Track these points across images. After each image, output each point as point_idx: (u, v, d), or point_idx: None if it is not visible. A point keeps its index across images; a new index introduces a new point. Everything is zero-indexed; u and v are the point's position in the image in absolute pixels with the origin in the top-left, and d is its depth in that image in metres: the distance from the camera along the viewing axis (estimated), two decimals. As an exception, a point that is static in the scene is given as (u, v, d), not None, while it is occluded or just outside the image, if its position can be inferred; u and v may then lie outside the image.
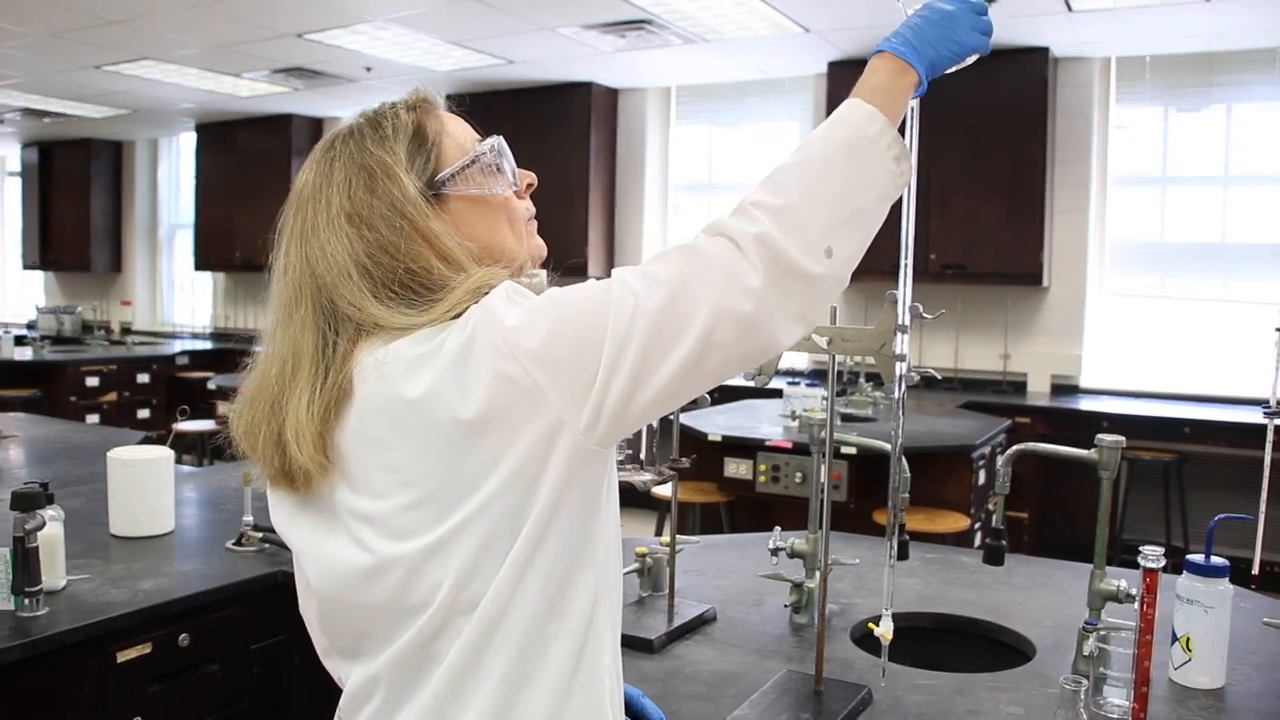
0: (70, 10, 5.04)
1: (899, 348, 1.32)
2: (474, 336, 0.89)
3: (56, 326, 8.48)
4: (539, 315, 0.89)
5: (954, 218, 5.47)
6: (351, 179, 0.99)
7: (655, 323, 0.87)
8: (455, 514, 0.90)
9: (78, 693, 1.68)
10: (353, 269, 0.96)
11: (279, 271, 1.03)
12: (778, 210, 0.90)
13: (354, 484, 0.95)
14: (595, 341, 0.88)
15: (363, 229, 0.97)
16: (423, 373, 0.90)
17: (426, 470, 0.91)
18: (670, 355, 0.87)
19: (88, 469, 2.79)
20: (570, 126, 6.64)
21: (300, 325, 0.98)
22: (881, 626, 1.36)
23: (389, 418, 0.92)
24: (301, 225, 1.01)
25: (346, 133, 1.04)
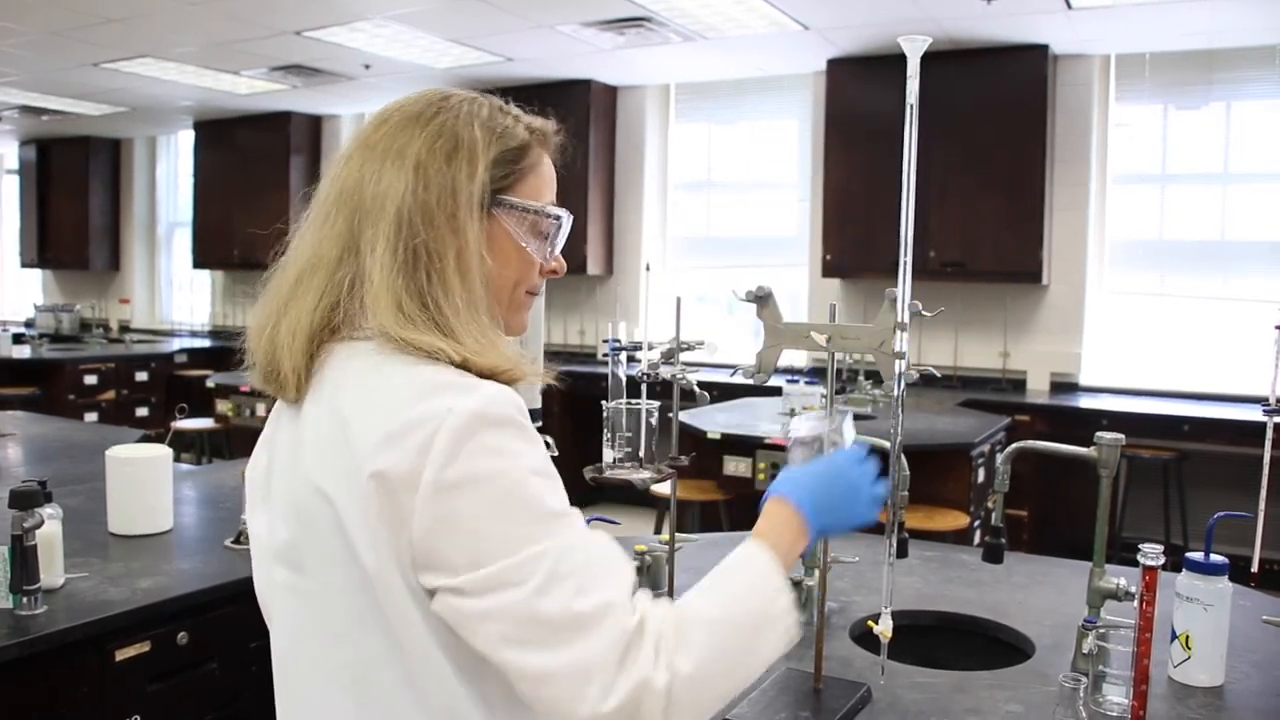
0: (69, 8, 5.04)
1: (898, 345, 1.31)
2: (406, 442, 0.88)
3: (55, 325, 8.48)
4: (468, 487, 0.88)
5: (953, 215, 5.47)
6: (442, 136, 1.00)
7: (528, 618, 0.86)
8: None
9: (76, 691, 1.68)
10: (391, 211, 0.96)
11: (338, 165, 1.03)
12: (685, 680, 0.89)
13: (307, 425, 0.98)
14: (487, 556, 0.87)
15: (419, 184, 0.97)
16: (365, 431, 0.91)
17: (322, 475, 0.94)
18: (503, 637, 0.87)
19: (86, 467, 2.79)
20: (569, 124, 6.59)
21: (329, 235, 0.99)
22: (881, 624, 1.36)
23: (331, 446, 0.93)
24: (377, 139, 1.01)
25: (472, 99, 1.06)
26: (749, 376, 1.51)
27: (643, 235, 6.93)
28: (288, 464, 1.00)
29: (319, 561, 0.96)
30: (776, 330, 1.47)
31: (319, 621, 0.97)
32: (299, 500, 0.97)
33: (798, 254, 6.41)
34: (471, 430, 0.88)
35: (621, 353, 1.54)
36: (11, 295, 10.96)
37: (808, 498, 1.06)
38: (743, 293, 1.50)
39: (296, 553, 0.98)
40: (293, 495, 0.98)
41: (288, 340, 0.98)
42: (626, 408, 1.50)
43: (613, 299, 6.83)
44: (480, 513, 0.87)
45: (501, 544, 0.87)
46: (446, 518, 0.87)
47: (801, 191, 6.44)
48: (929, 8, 4.78)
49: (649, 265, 6.43)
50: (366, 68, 6.30)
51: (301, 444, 0.98)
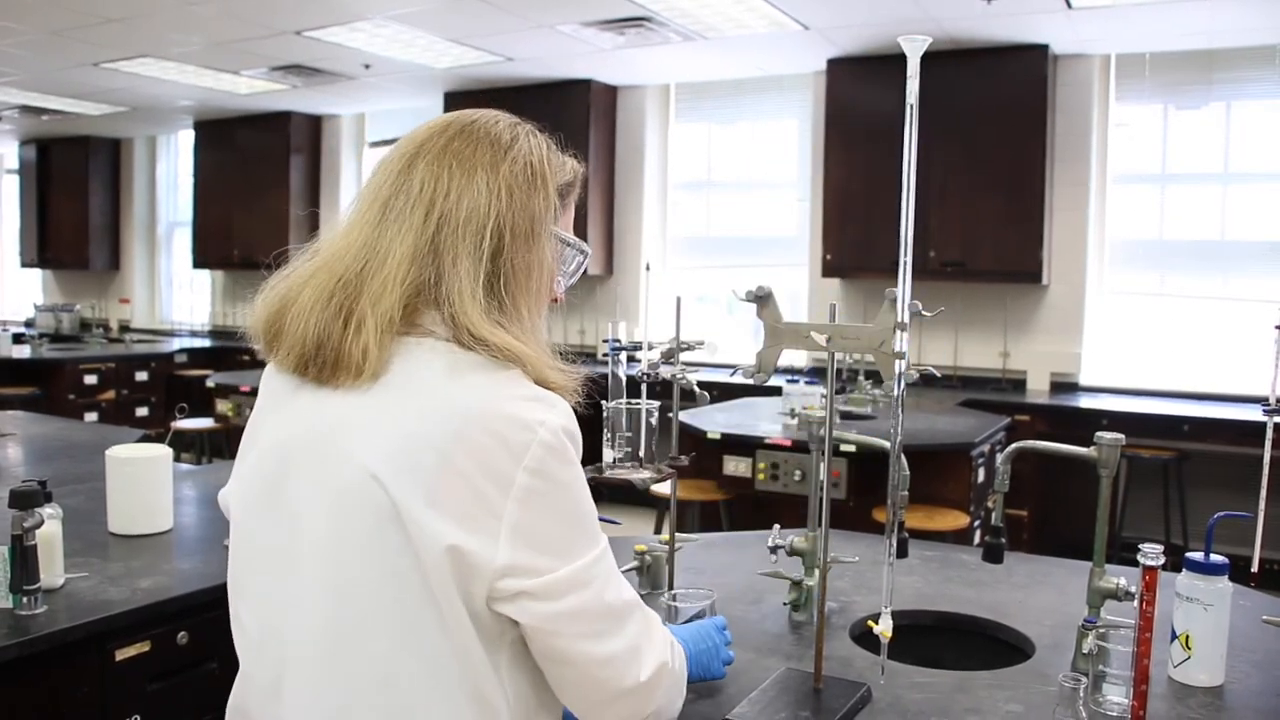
0: (69, 8, 5.04)
1: (898, 345, 1.31)
2: (498, 447, 0.96)
3: (55, 324, 8.48)
4: (553, 492, 0.99)
5: (953, 215, 5.47)
6: (524, 162, 1.07)
7: (599, 616, 1.02)
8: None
9: (76, 691, 1.68)
10: (477, 225, 1.02)
11: (394, 167, 1.06)
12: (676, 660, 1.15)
13: (356, 421, 1.00)
14: (569, 552, 1.00)
15: (507, 207, 1.03)
16: (437, 420, 0.97)
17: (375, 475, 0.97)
18: (567, 632, 1.00)
19: (86, 467, 2.79)
20: (569, 124, 6.63)
21: (398, 232, 1.02)
22: (881, 624, 1.35)
23: (399, 434, 0.97)
24: (460, 152, 1.05)
25: (531, 130, 1.13)
26: (749, 376, 1.51)
27: (643, 235, 6.93)
28: (321, 454, 1.00)
29: (361, 549, 0.96)
30: (776, 330, 1.47)
31: (347, 615, 0.97)
32: (346, 491, 0.96)
33: (798, 254, 6.41)
34: (561, 442, 0.99)
35: (621, 353, 1.54)
36: (11, 295, 10.96)
37: (686, 646, 1.35)
38: (743, 293, 1.50)
39: (335, 544, 0.97)
40: (335, 487, 0.97)
41: (358, 325, 0.98)
42: (626, 408, 1.50)
43: (613, 299, 6.83)
44: (563, 517, 0.99)
45: (576, 546, 1.00)
46: (535, 521, 0.96)
47: (801, 191, 6.44)
48: (929, 7, 4.78)
49: (649, 265, 6.43)
50: (366, 68, 6.30)
51: (354, 433, 0.98)
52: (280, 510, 1.02)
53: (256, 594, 1.06)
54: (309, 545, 0.99)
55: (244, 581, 1.08)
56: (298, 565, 1.00)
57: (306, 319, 1.01)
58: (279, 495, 1.02)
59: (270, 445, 1.06)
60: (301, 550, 1.00)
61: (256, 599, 1.05)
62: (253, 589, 1.06)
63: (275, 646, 1.03)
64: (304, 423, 1.03)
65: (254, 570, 1.06)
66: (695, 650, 1.37)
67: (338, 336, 0.99)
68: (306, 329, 1.01)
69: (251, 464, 1.08)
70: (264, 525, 1.04)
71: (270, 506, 1.03)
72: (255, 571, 1.06)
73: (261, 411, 1.11)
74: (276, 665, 1.02)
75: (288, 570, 1.01)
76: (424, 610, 0.95)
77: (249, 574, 1.07)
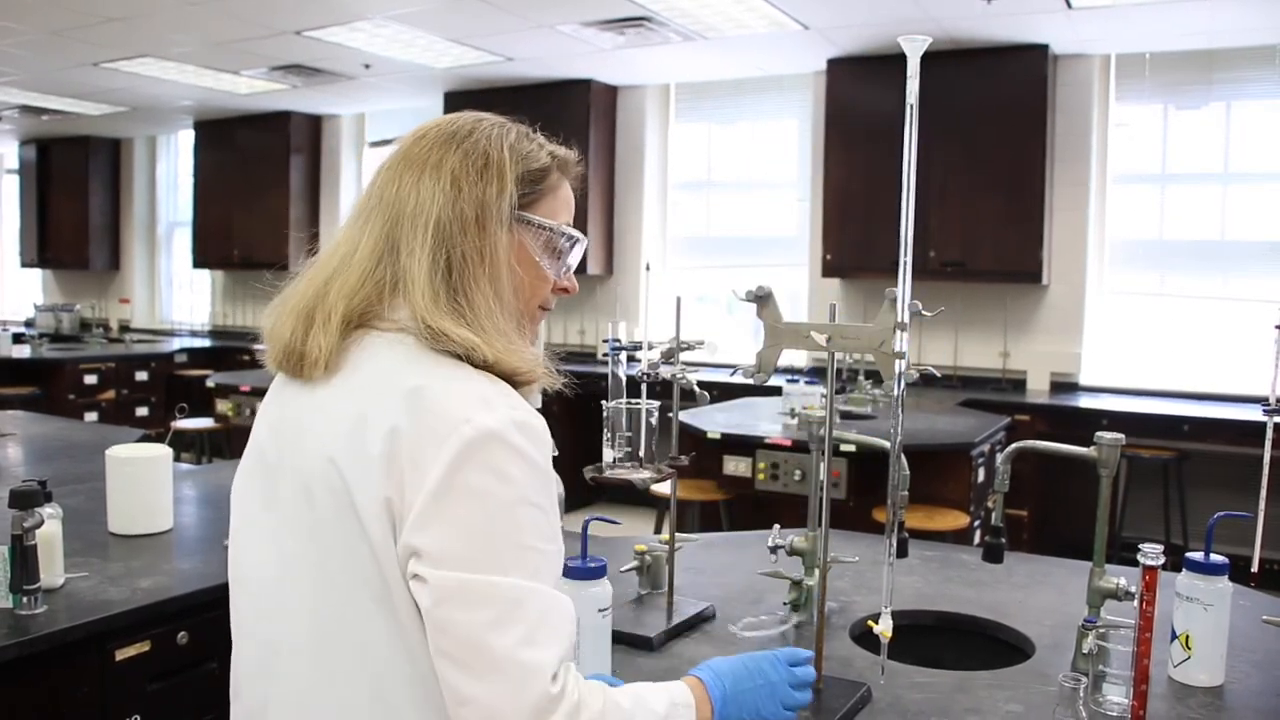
0: (69, 7, 5.04)
1: (898, 345, 1.31)
2: (425, 433, 0.96)
3: (55, 324, 8.48)
4: (475, 499, 0.95)
5: (953, 215, 5.47)
6: (475, 154, 1.08)
7: (479, 640, 0.93)
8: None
9: (76, 691, 1.68)
10: (428, 220, 1.04)
11: (376, 174, 1.12)
12: None
13: (322, 406, 1.04)
14: (476, 566, 0.94)
15: (455, 198, 1.05)
16: (384, 412, 0.98)
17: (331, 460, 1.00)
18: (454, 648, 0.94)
19: (86, 467, 2.79)
20: (569, 124, 6.63)
21: (369, 236, 1.07)
22: (881, 624, 1.35)
23: (352, 424, 0.99)
24: (417, 155, 1.09)
25: (501, 122, 1.14)
26: (749, 376, 1.51)
27: (643, 235, 6.93)
28: (294, 443, 1.05)
29: (329, 535, 1.00)
30: (776, 330, 1.47)
31: (327, 599, 1.01)
32: (312, 476, 1.01)
33: (798, 254, 6.41)
34: (482, 445, 0.95)
35: (621, 352, 1.54)
36: (11, 295, 10.96)
37: (721, 690, 1.12)
38: (743, 293, 1.50)
39: (309, 529, 1.02)
40: (305, 473, 1.02)
41: (321, 322, 1.04)
42: (626, 407, 1.50)
43: (613, 299, 6.83)
44: (467, 524, 0.94)
45: (476, 559, 0.94)
46: (436, 518, 0.94)
47: (801, 191, 6.44)
48: (929, 7, 4.78)
49: (649, 265, 6.43)
50: (366, 67, 6.30)
51: (317, 420, 1.03)
52: (271, 498, 1.07)
53: (250, 579, 1.10)
54: (289, 531, 1.05)
55: (239, 568, 1.13)
56: (283, 552, 1.05)
57: (283, 321, 1.08)
58: (271, 483, 1.08)
59: (259, 438, 1.13)
60: (286, 536, 1.05)
61: (250, 583, 1.10)
62: (247, 575, 1.11)
63: (268, 629, 1.07)
64: (289, 414, 1.09)
65: (250, 558, 1.11)
66: (735, 690, 1.12)
67: (303, 334, 1.05)
68: (282, 330, 1.08)
69: (247, 453, 1.15)
70: (258, 513, 1.10)
71: (262, 495, 1.09)
72: (250, 559, 1.11)
73: (263, 405, 1.17)
74: (266, 648, 1.07)
75: (276, 558, 1.06)
76: (386, 596, 0.98)
77: (244, 561, 1.12)
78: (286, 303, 1.10)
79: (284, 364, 1.08)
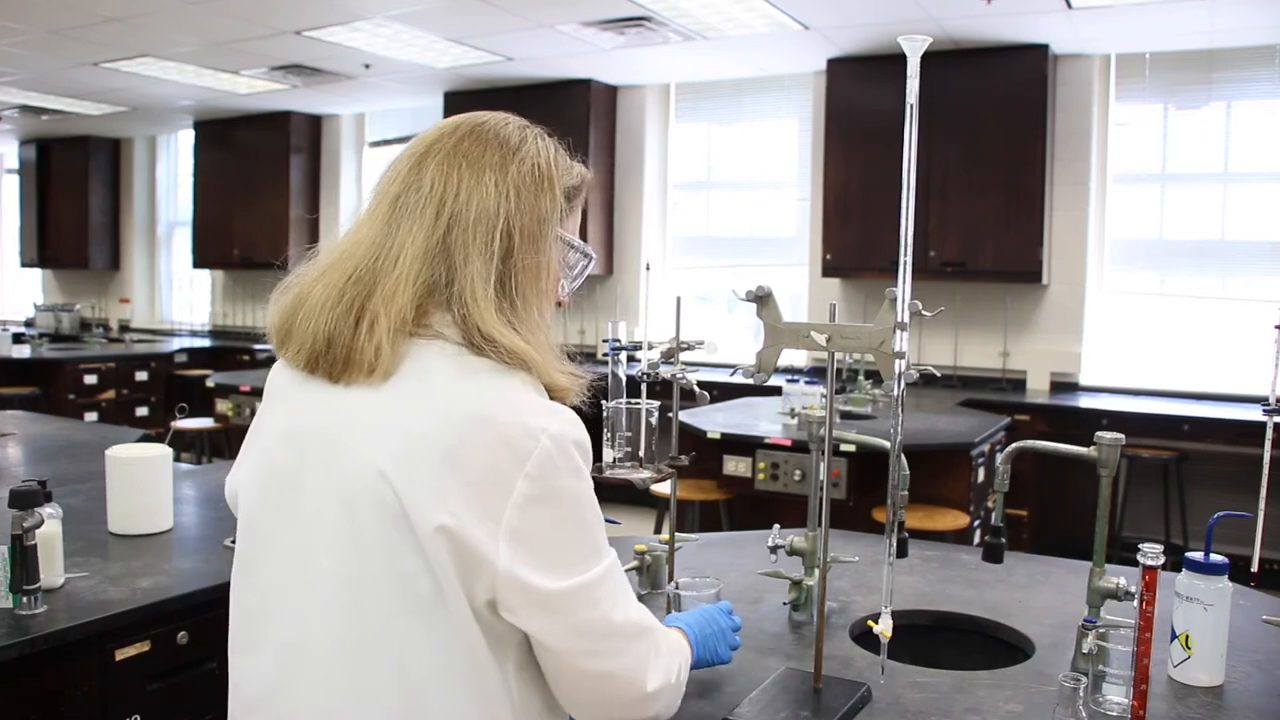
0: (69, 7, 5.04)
1: (898, 345, 1.31)
2: (501, 453, 0.96)
3: (55, 324, 8.48)
4: (557, 503, 0.98)
5: (953, 215, 5.47)
6: (532, 164, 1.07)
7: (597, 635, 1.02)
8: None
9: (76, 691, 1.68)
10: (487, 225, 1.02)
11: (404, 165, 1.07)
12: (679, 675, 1.16)
13: (364, 418, 1.00)
14: (567, 569, 0.99)
15: (515, 208, 1.04)
16: (448, 424, 0.96)
17: (392, 482, 0.97)
18: (573, 649, 1.02)
19: (86, 467, 2.79)
20: (569, 124, 6.62)
21: (411, 231, 1.02)
22: (881, 624, 1.35)
23: (407, 434, 0.97)
24: (469, 153, 1.05)
25: (540, 134, 1.13)
26: (749, 376, 1.51)
27: (643, 235, 6.93)
28: (327, 453, 1.00)
29: (373, 548, 0.96)
30: (776, 330, 1.47)
31: (361, 613, 0.97)
32: (357, 489, 0.97)
33: (798, 254, 6.41)
34: (566, 451, 0.98)
35: (621, 352, 1.54)
36: (11, 295, 10.96)
37: (694, 635, 1.33)
38: (743, 292, 1.50)
39: (349, 542, 0.98)
40: (346, 486, 0.98)
41: (370, 323, 0.99)
42: (626, 407, 1.50)
43: (613, 298, 6.83)
44: (564, 527, 0.99)
45: (580, 560, 1.00)
46: (535, 529, 0.96)
47: (801, 191, 6.44)
48: (929, 7, 4.78)
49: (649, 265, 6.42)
50: (366, 67, 6.30)
51: (358, 430, 0.99)
52: (295, 508, 1.02)
53: (270, 588, 1.04)
54: (325, 542, 0.99)
55: (255, 576, 1.06)
56: (313, 563, 1.00)
57: (318, 317, 1.01)
58: (293, 492, 1.02)
59: (280, 437, 1.06)
60: (317, 547, 1.00)
61: (270, 593, 1.04)
62: (266, 584, 1.05)
63: (291, 640, 1.02)
64: (317, 419, 1.03)
65: (268, 566, 1.05)
66: (701, 635, 1.34)
67: (349, 334, 0.99)
68: (318, 326, 1.01)
69: (260, 455, 1.08)
70: (278, 521, 1.04)
71: (283, 503, 1.03)
72: (269, 567, 1.05)
73: (269, 405, 1.11)
74: (289, 660, 1.02)
75: (303, 567, 1.01)
76: (434, 611, 0.96)
77: (261, 568, 1.06)
78: (308, 298, 1.03)
79: (318, 365, 1.02)
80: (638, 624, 1.06)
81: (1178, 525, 4.99)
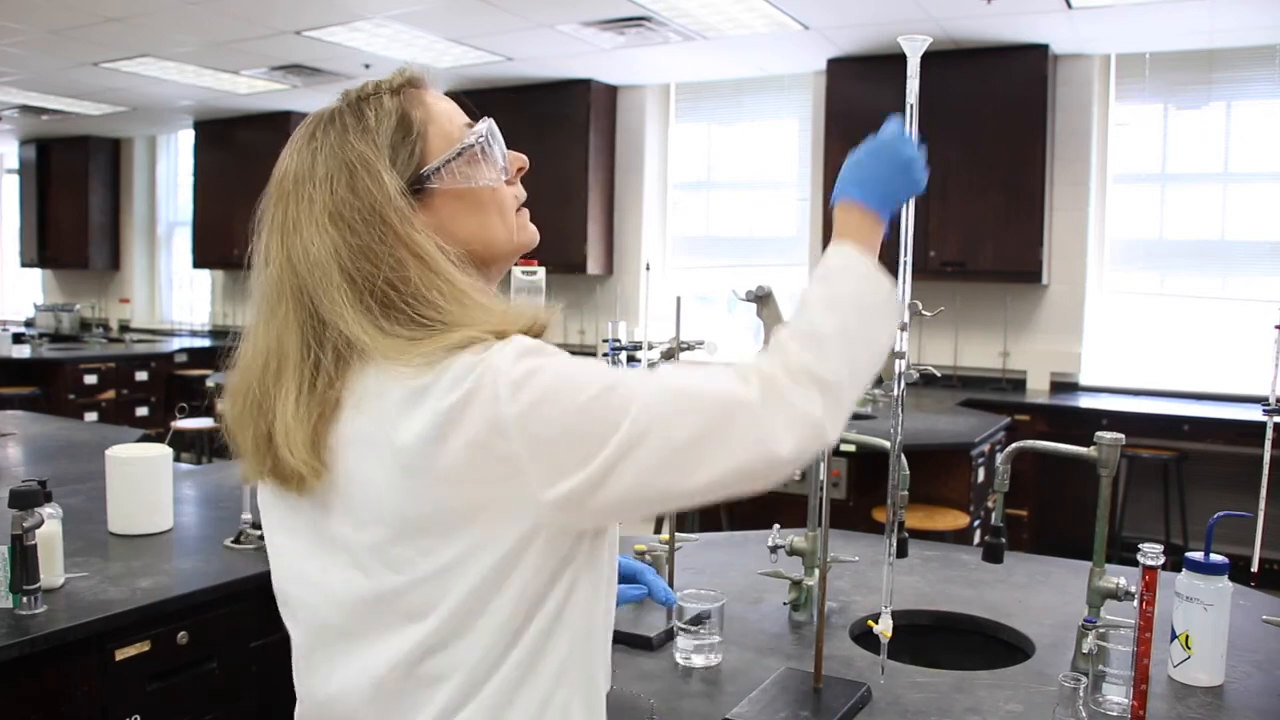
0: (69, 7, 5.03)
1: (898, 345, 1.31)
2: (470, 399, 0.85)
3: (55, 324, 8.48)
4: (545, 402, 0.86)
5: (953, 215, 5.47)
6: (333, 175, 0.94)
7: (672, 452, 0.86)
8: (425, 563, 0.89)
9: (76, 691, 1.68)
10: (335, 272, 0.92)
11: (259, 263, 0.99)
12: (828, 388, 0.91)
13: (341, 502, 0.93)
14: (598, 443, 0.86)
15: (345, 230, 0.93)
16: (412, 417, 0.87)
17: (397, 512, 0.89)
18: (676, 486, 0.88)
19: (86, 467, 2.79)
20: (569, 124, 6.64)
21: (283, 323, 0.95)
22: (881, 624, 1.36)
23: (373, 451, 0.90)
24: (284, 218, 0.96)
25: (329, 119, 0.99)
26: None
27: (643, 235, 6.93)
28: (326, 562, 0.96)
29: (419, 551, 0.90)
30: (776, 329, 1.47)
31: (410, 617, 0.92)
32: (371, 551, 0.92)
33: (798, 254, 6.41)
34: (515, 359, 0.87)
35: (621, 352, 1.54)
36: (11, 295, 10.96)
37: (867, 192, 1.05)
38: (743, 292, 1.50)
39: (389, 552, 0.92)
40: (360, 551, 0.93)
41: (283, 440, 0.92)
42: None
43: (613, 299, 6.83)
44: (566, 412, 0.86)
45: (601, 422, 0.86)
46: (542, 435, 0.85)
47: (801, 191, 6.44)
48: (929, 7, 4.78)
49: (649, 265, 6.44)
50: (367, 67, 6.30)
51: (333, 523, 0.94)
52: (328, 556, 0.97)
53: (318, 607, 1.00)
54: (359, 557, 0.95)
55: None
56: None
57: (241, 441, 0.99)
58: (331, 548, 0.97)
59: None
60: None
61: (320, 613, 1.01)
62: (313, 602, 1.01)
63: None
64: (302, 528, 0.98)
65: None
66: (881, 189, 1.07)
67: (277, 460, 0.94)
68: (252, 455, 0.98)
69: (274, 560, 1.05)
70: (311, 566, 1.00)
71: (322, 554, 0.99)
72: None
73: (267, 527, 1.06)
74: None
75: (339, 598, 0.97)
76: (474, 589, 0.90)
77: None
78: (227, 417, 1.01)
79: (275, 486, 0.97)
80: (692, 397, 0.88)
81: (1178, 525, 4.99)
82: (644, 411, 0.86)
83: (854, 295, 0.98)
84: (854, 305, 0.97)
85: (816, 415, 0.90)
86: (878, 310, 0.99)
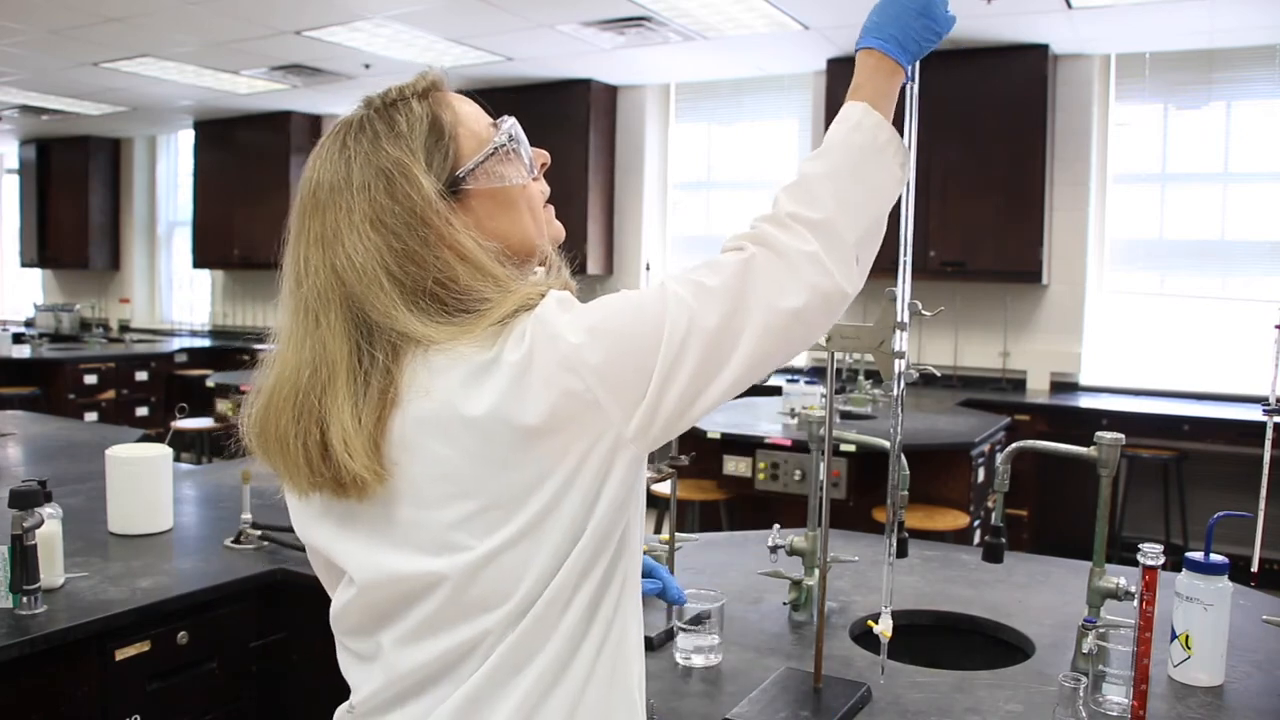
0: (69, 7, 5.04)
1: (898, 345, 1.31)
2: (533, 350, 0.89)
3: (55, 324, 8.48)
4: (598, 331, 0.90)
5: (953, 215, 5.47)
6: (370, 182, 0.96)
7: (711, 340, 0.91)
8: (511, 523, 0.91)
9: (76, 691, 1.68)
10: (383, 278, 0.94)
11: (296, 275, 1.00)
12: (817, 225, 0.95)
13: (407, 494, 0.94)
14: (651, 355, 0.90)
15: (388, 236, 0.95)
16: (482, 388, 0.90)
17: (483, 482, 0.91)
18: (722, 371, 0.92)
19: (86, 467, 2.79)
20: (569, 124, 6.63)
21: (330, 333, 0.95)
22: (881, 624, 1.35)
23: (443, 431, 0.91)
24: (321, 228, 0.98)
25: (358, 127, 1.01)
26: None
27: (643, 235, 6.93)
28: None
29: (485, 523, 0.92)
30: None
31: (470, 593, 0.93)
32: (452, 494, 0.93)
33: (798, 254, 6.41)
34: (559, 307, 0.92)
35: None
36: (11, 295, 10.96)
37: (887, 36, 1.05)
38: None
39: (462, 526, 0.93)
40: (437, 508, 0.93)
41: (342, 446, 0.92)
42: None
43: (613, 299, 6.82)
44: (618, 337, 0.90)
45: (645, 338, 0.90)
46: (603, 363, 0.89)
47: (801, 191, 6.43)
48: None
49: (649, 265, 6.43)
50: (367, 67, 6.30)
51: (424, 472, 0.93)
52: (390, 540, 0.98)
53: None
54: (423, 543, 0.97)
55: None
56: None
57: (280, 453, 0.97)
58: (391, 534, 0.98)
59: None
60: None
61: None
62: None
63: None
64: (368, 554, 0.98)
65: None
66: (903, 33, 1.05)
67: (336, 468, 0.93)
68: (297, 467, 0.96)
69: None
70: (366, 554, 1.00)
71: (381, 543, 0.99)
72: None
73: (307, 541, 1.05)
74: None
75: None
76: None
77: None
78: (268, 417, 0.97)
79: (328, 495, 0.96)
80: (727, 287, 0.92)
81: (1178, 525, 4.99)
82: (674, 319, 0.90)
83: (844, 139, 1.02)
84: (843, 147, 1.01)
85: (811, 250, 0.93)
86: (870, 148, 1.01)
